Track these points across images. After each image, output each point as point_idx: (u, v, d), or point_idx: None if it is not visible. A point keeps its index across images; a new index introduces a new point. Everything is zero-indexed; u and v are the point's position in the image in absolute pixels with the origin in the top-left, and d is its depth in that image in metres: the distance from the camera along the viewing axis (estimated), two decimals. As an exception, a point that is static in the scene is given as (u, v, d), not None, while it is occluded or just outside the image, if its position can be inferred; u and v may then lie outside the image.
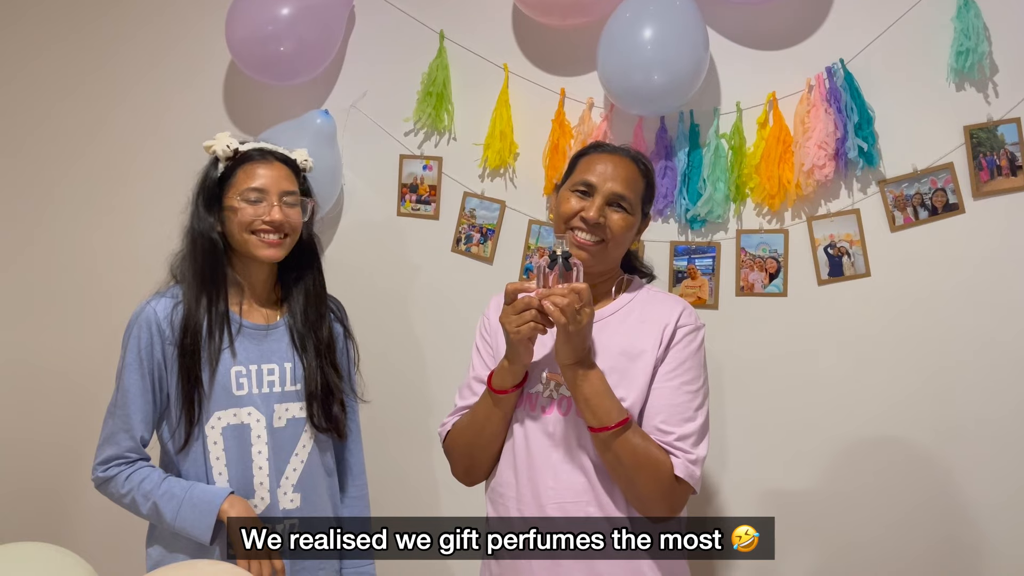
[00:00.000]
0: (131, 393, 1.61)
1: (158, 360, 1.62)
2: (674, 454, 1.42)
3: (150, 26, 2.52)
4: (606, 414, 1.40)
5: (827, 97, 1.97)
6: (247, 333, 1.67)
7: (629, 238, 1.54)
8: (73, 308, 2.58)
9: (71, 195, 2.59)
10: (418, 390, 2.31)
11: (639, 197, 1.55)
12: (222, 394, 1.62)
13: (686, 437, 1.43)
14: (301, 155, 1.74)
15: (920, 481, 1.96)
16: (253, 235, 1.63)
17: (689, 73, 1.93)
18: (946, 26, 1.91)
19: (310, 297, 1.74)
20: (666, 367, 1.48)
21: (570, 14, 2.05)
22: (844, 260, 2.01)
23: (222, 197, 1.66)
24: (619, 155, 1.56)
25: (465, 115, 2.26)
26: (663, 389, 1.46)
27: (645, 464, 1.40)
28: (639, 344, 1.49)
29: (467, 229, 2.27)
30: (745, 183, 2.05)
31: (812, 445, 2.03)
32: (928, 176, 1.95)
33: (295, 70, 2.25)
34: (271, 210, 1.64)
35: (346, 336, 1.82)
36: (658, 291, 1.61)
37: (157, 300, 1.65)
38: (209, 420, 1.61)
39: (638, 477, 1.40)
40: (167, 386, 1.63)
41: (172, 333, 1.62)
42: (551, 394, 1.50)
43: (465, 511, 2.28)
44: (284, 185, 1.67)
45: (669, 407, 1.45)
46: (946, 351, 1.94)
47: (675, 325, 1.50)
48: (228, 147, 1.65)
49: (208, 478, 1.61)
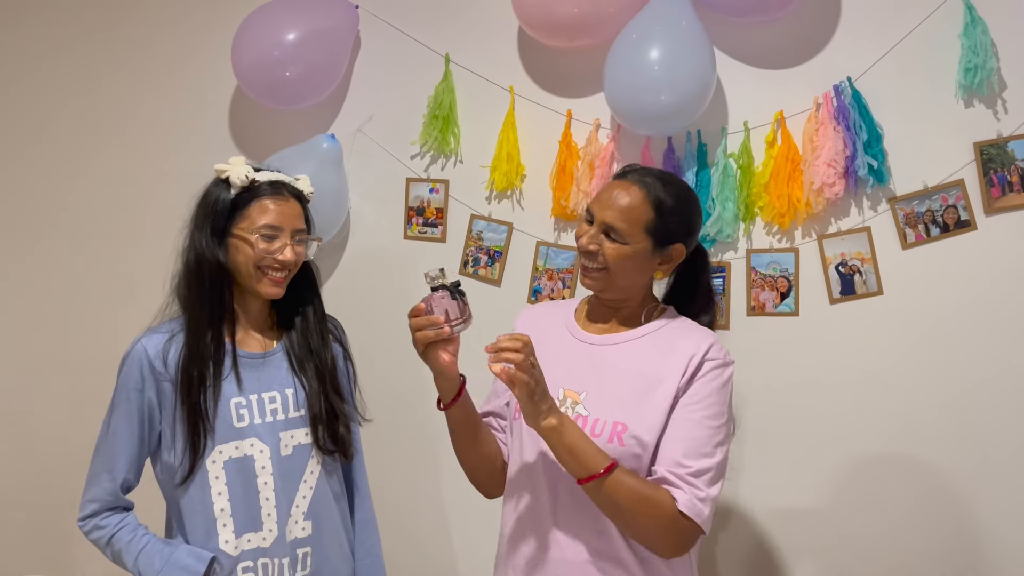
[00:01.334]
0: (118, 434, 1.58)
1: (149, 400, 1.58)
2: (681, 488, 1.35)
3: (155, 52, 2.53)
4: (592, 461, 1.34)
5: (835, 115, 1.96)
6: (244, 363, 1.64)
7: (631, 267, 1.46)
8: (74, 332, 2.57)
9: (74, 218, 2.59)
10: (426, 416, 2.29)
11: (638, 226, 1.44)
12: (223, 427, 1.59)
13: (701, 473, 1.37)
14: (306, 185, 1.71)
15: (934, 502, 1.93)
16: (258, 270, 1.61)
17: (697, 93, 1.92)
18: (953, 43, 1.91)
19: (310, 322, 1.71)
20: (689, 398, 1.41)
21: (576, 36, 2.05)
22: (856, 278, 2.00)
23: (229, 225, 1.62)
24: (630, 181, 1.48)
25: (471, 137, 2.25)
26: (684, 421, 1.40)
27: (642, 503, 1.34)
28: (662, 370, 1.44)
29: (474, 251, 2.26)
30: (754, 202, 2.04)
31: (825, 466, 2.01)
32: (939, 193, 1.94)
33: (301, 95, 2.25)
34: (284, 249, 1.61)
35: (345, 356, 1.80)
36: (692, 323, 1.53)
37: (148, 337, 1.61)
38: (210, 455, 1.58)
39: (637, 518, 1.35)
40: (159, 425, 1.60)
41: (166, 370, 1.58)
42: (565, 411, 1.46)
43: (473, 531, 2.26)
44: (297, 223, 1.65)
45: (688, 440, 1.39)
46: (961, 369, 1.92)
47: (702, 357, 1.43)
48: (247, 176, 1.61)
49: (210, 514, 1.58)
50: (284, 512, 1.62)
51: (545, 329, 1.57)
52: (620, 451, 1.39)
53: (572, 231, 2.18)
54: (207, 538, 1.58)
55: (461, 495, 2.28)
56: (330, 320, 1.80)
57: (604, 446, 1.39)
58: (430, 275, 1.42)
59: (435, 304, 1.41)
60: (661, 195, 1.46)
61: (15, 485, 2.65)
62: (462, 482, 2.26)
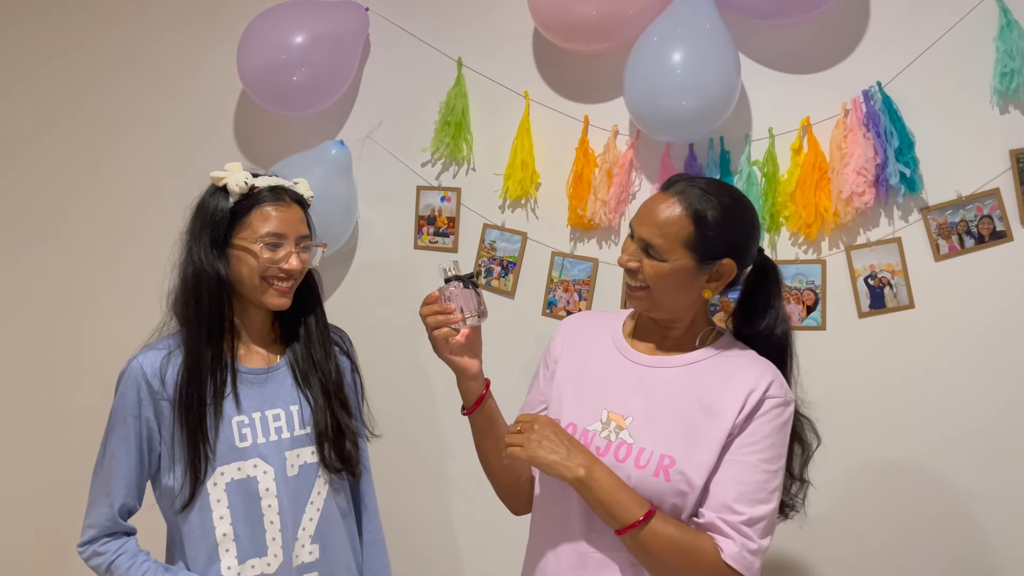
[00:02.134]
0: (115, 457, 1.50)
1: (147, 420, 1.50)
2: (731, 538, 1.26)
3: (158, 56, 2.47)
4: (626, 512, 1.26)
5: (865, 121, 1.89)
6: (246, 379, 1.55)
7: (672, 285, 1.35)
8: (73, 344, 2.50)
9: (75, 224, 2.53)
10: (436, 431, 2.21)
11: (677, 242, 1.33)
12: (224, 448, 1.51)
13: (755, 522, 1.26)
14: (305, 189, 1.63)
15: (966, 524, 1.85)
16: (263, 281, 1.53)
17: (721, 97, 1.85)
18: (988, 46, 1.83)
19: (313, 334, 1.63)
20: (746, 439, 1.31)
21: (594, 39, 1.98)
22: (886, 291, 1.91)
23: (230, 235, 1.54)
24: (674, 195, 1.35)
25: (485, 144, 2.18)
26: (738, 463, 1.29)
27: (683, 554, 1.25)
28: (718, 403, 1.33)
29: (487, 262, 2.18)
30: (779, 212, 1.96)
31: (857, 485, 1.92)
32: (973, 203, 1.86)
33: (309, 100, 2.18)
34: (290, 258, 1.53)
35: (353, 370, 1.72)
36: (752, 353, 1.40)
37: (144, 354, 1.53)
38: (211, 477, 1.49)
39: (678, 568, 1.26)
40: (159, 446, 1.51)
41: (164, 388, 1.50)
42: (609, 436, 1.36)
43: (484, 552, 2.18)
44: (301, 229, 1.57)
45: (742, 484, 1.28)
46: (996, 386, 1.83)
47: (763, 394, 1.31)
48: (246, 183, 1.53)
49: (212, 539, 1.49)
50: (290, 536, 1.54)
51: (590, 342, 1.48)
52: (665, 487, 1.30)
53: (589, 241, 2.10)
54: (209, 564, 1.50)
55: (472, 514, 2.21)
56: (337, 332, 1.72)
57: (649, 479, 1.30)
58: (443, 267, 1.40)
59: (449, 295, 1.36)
60: (701, 207, 1.33)
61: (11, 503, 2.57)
62: (473, 501, 2.20)
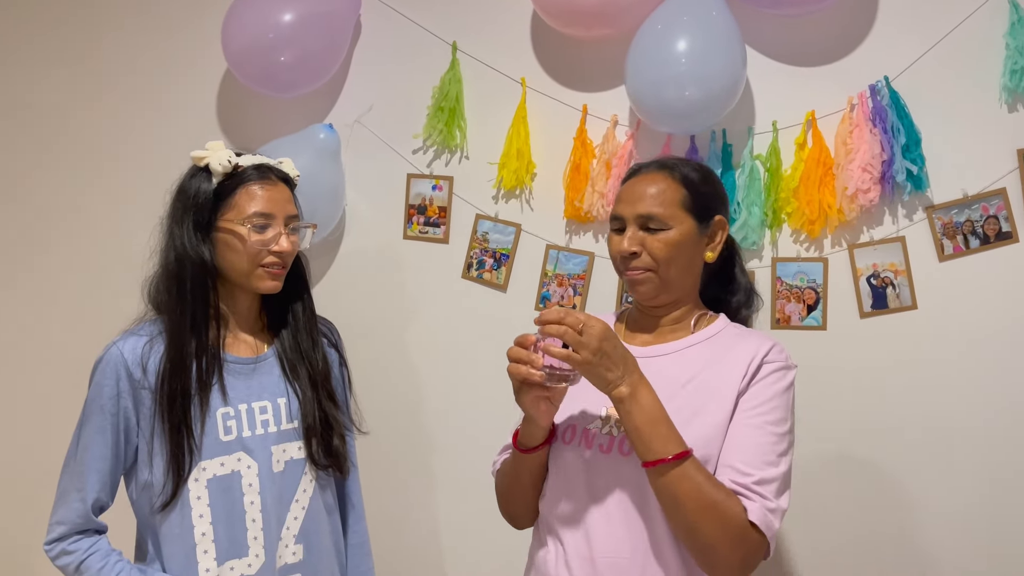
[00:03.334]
0: (90, 449, 1.41)
1: (125, 410, 1.42)
2: (750, 498, 1.22)
3: (140, 35, 2.36)
4: (661, 445, 1.20)
5: (871, 116, 1.84)
6: (232, 369, 1.48)
7: (681, 256, 1.36)
8: (50, 328, 2.40)
9: (54, 206, 2.42)
10: (424, 426, 2.14)
11: (675, 206, 1.36)
12: (209, 442, 1.43)
13: (767, 482, 1.23)
14: (290, 167, 1.56)
15: (973, 530, 1.81)
16: (252, 264, 1.46)
17: (726, 89, 1.79)
18: (998, 43, 1.80)
19: (301, 322, 1.56)
20: (748, 403, 1.29)
21: (595, 25, 1.91)
22: (888, 291, 1.87)
23: (214, 218, 1.47)
24: (646, 172, 1.40)
25: (479, 132, 2.11)
26: (743, 427, 1.27)
27: (710, 506, 1.19)
28: (719, 379, 1.31)
29: (479, 254, 2.11)
30: (782, 207, 1.91)
31: (857, 488, 1.88)
32: (979, 202, 1.82)
33: (296, 82, 2.10)
34: (279, 239, 1.46)
35: (341, 363, 1.65)
36: (748, 329, 1.43)
37: (124, 340, 1.44)
38: (192, 472, 1.42)
39: (702, 522, 1.20)
40: (136, 438, 1.43)
41: (145, 376, 1.42)
42: (611, 431, 1.33)
43: (470, 554, 2.11)
44: (289, 208, 1.50)
45: (750, 447, 1.25)
46: (999, 389, 1.80)
47: (762, 359, 1.32)
48: (229, 161, 1.45)
49: (190, 539, 1.42)
50: (273, 535, 1.46)
51: None
52: None
53: (585, 234, 2.04)
54: (186, 565, 1.42)
55: (457, 512, 2.14)
56: (325, 323, 1.65)
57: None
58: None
59: (545, 345, 1.22)
60: (683, 172, 1.39)
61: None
62: (457, 500, 2.14)
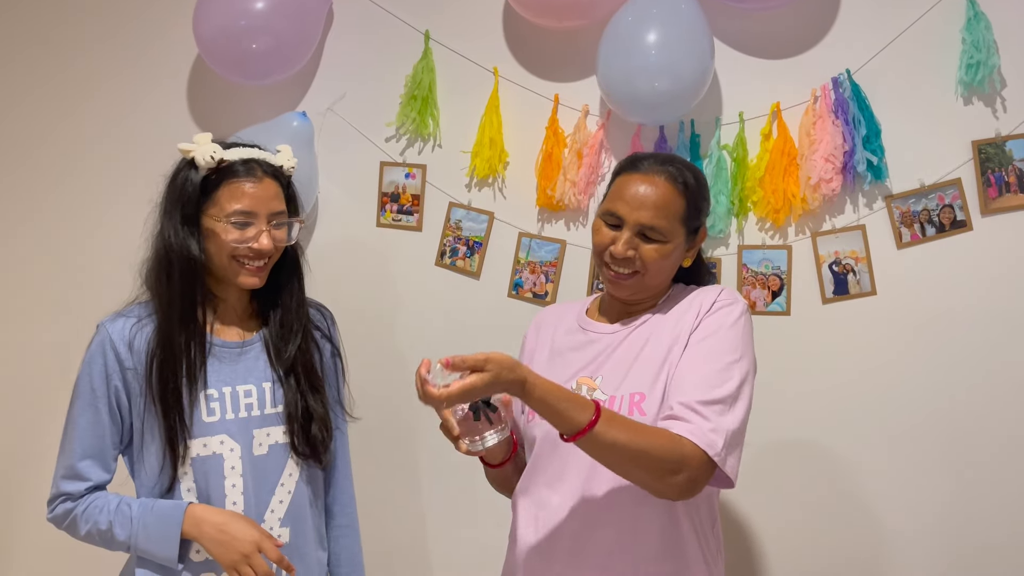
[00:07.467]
0: (79, 429, 1.43)
1: (115, 388, 1.44)
2: (687, 420, 1.22)
3: (109, 19, 2.33)
4: (578, 414, 1.17)
5: (833, 108, 1.90)
6: (218, 353, 1.50)
7: (668, 264, 1.40)
8: (28, 316, 2.37)
9: (26, 198, 2.38)
10: (397, 414, 2.16)
11: (676, 220, 1.38)
12: (192, 422, 1.45)
13: (709, 403, 1.23)
14: (286, 158, 1.55)
15: (926, 504, 1.89)
16: (233, 260, 1.47)
17: (695, 80, 1.84)
18: (955, 38, 1.86)
19: (290, 312, 1.57)
20: (697, 335, 1.32)
21: (567, 15, 1.94)
22: (849, 278, 1.94)
23: (200, 212, 1.47)
24: (654, 174, 1.39)
25: (451, 121, 2.13)
26: (688, 357, 1.31)
27: (639, 454, 1.18)
28: (676, 331, 1.36)
29: (452, 242, 2.14)
30: (748, 196, 1.96)
31: (816, 469, 1.95)
32: (935, 192, 1.89)
33: (268, 69, 2.09)
34: (259, 236, 1.46)
35: (334, 353, 1.66)
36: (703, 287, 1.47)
37: (113, 321, 1.46)
38: None
39: (635, 470, 1.20)
40: (129, 417, 1.45)
41: (132, 356, 1.43)
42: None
43: (453, 539, 2.14)
44: (273, 205, 1.49)
45: (693, 373, 1.28)
46: (955, 371, 1.88)
47: (712, 302, 1.37)
48: (212, 156, 1.45)
49: None
50: (254, 518, 1.48)
51: (558, 327, 1.51)
52: (644, 420, 1.29)
53: (557, 222, 2.07)
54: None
55: (441, 502, 2.16)
56: (319, 311, 1.66)
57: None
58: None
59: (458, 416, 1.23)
60: (683, 179, 1.40)
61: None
62: (443, 489, 2.15)
